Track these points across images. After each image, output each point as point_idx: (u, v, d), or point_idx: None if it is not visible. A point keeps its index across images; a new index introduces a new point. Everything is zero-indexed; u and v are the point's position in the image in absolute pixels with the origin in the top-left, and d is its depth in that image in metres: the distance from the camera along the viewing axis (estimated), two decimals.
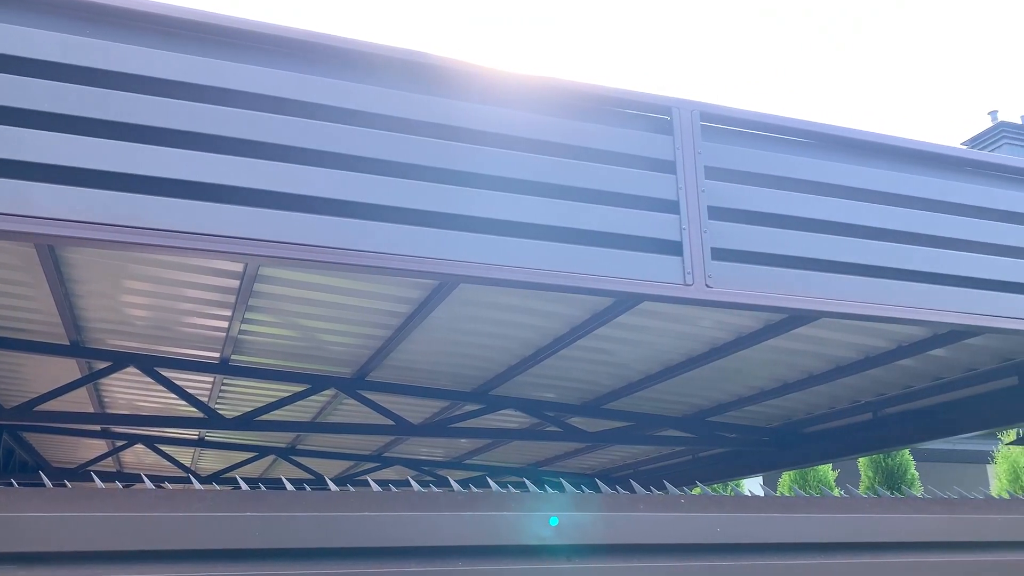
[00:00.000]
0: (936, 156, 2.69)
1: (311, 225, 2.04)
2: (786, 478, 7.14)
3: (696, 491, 2.28)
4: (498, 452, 6.14)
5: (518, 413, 4.53)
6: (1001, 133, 18.72)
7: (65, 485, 1.78)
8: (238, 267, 2.82)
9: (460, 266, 2.15)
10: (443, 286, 2.83)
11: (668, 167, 2.24)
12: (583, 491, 1.97)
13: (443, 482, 6.15)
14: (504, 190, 2.19)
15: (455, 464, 6.50)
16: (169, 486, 1.71)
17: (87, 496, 1.65)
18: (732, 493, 6.43)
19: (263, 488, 1.77)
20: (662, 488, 2.44)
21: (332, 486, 1.83)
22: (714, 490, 5.85)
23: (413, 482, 1.94)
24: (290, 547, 1.67)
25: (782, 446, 4.91)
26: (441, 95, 2.21)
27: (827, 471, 7.13)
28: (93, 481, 1.89)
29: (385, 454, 6.14)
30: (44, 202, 1.76)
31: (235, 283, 2.95)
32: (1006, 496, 2.58)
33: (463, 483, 2.17)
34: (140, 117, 1.89)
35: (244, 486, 1.77)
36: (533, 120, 2.25)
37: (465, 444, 5.97)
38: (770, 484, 8.18)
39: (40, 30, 1.84)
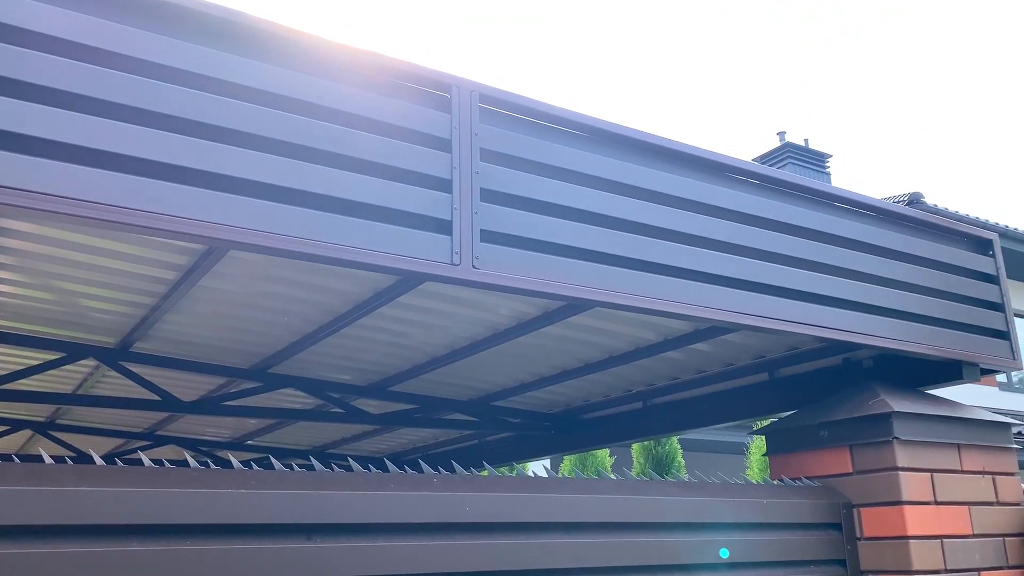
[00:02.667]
0: (710, 162, 2.84)
1: (57, 174, 1.84)
2: (567, 462, 7.44)
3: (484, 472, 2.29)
4: (284, 433, 5.94)
5: (300, 393, 4.40)
6: (787, 152, 20.47)
7: None
8: None
9: (230, 230, 2.02)
10: (212, 252, 2.67)
11: (444, 145, 2.22)
12: (332, 469, 1.92)
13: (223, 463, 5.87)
14: (281, 154, 2.08)
15: (237, 445, 6.23)
16: None
17: None
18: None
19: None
20: (449, 469, 2.43)
21: (47, 458, 1.66)
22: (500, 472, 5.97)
23: (145, 458, 1.80)
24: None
25: (562, 431, 5.08)
26: (220, 48, 2.07)
27: (605, 456, 7.49)
28: None
29: (158, 432, 5.78)
30: None
31: None
32: (741, 482, 2.79)
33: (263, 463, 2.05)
34: None
35: None
36: (317, 85, 2.16)
37: (254, 424, 5.73)
38: (555, 468, 8.48)
39: None
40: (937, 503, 2.90)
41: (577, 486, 2.33)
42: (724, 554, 2.49)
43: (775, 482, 2.92)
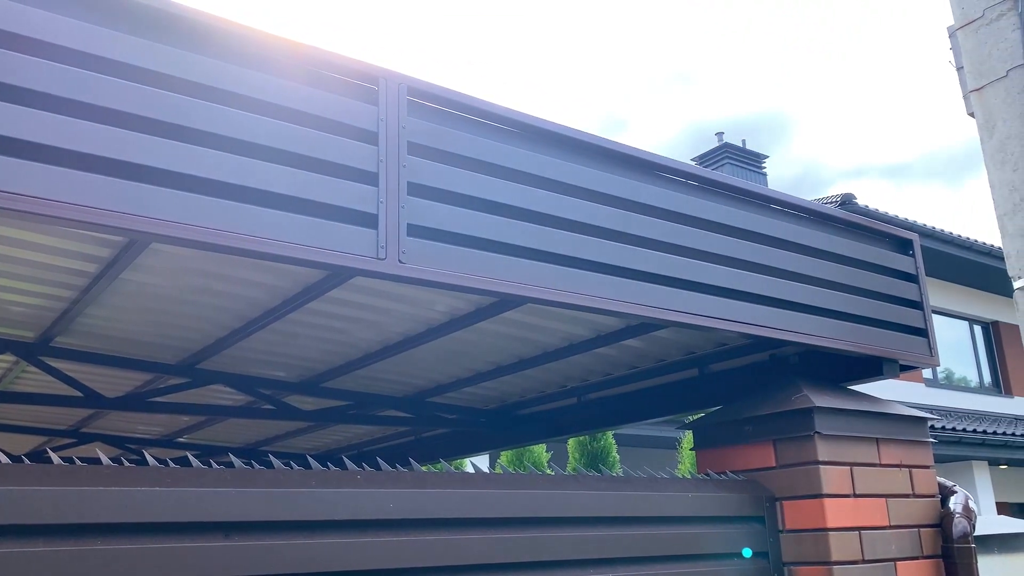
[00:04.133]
0: (642, 161, 2.87)
1: None
2: (504, 458, 7.46)
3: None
4: (216, 430, 5.82)
5: (230, 389, 4.32)
6: (725, 153, 20.83)
7: None
8: None
9: (151, 223, 1.97)
10: (133, 244, 2.60)
11: (371, 138, 2.20)
12: (253, 466, 1.88)
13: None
14: (203, 145, 2.04)
15: (167, 442, 6.09)
16: None
17: None
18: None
19: None
20: (375, 466, 2.40)
21: None
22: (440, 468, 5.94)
23: (53, 455, 1.75)
24: None
25: (499, 427, 5.08)
26: (143, 36, 2.01)
27: (541, 452, 7.54)
28: None
29: (84, 429, 5.61)
30: None
31: None
32: (667, 476, 2.83)
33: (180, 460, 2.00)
34: None
35: None
36: (242, 75, 2.11)
37: (186, 421, 5.61)
38: (492, 464, 8.48)
39: None
40: (856, 496, 2.98)
41: (505, 481, 2.33)
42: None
43: (701, 476, 2.97)
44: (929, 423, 3.42)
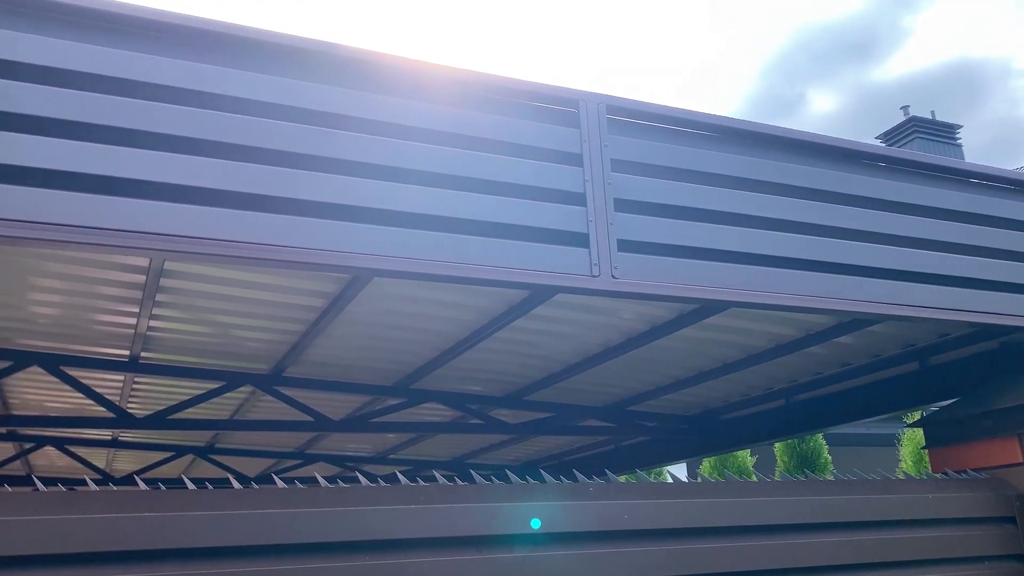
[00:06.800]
0: (838, 149, 2.77)
1: (217, 219, 1.99)
2: (706, 464, 7.31)
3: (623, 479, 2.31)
4: (424, 446, 6.11)
5: (440, 406, 4.53)
6: (913, 128, 19.40)
7: None
8: (144, 262, 2.74)
9: (373, 260, 2.13)
10: (357, 280, 2.80)
11: (575, 160, 2.26)
12: (492, 481, 1.98)
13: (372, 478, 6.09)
14: (416, 183, 2.18)
15: (380, 459, 6.45)
16: (63, 487, 1.66)
17: None
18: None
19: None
20: (596, 476, 2.46)
21: (235, 484, 1.79)
22: (634, 478, 5.92)
23: (320, 479, 1.91)
24: (187, 547, 1.63)
25: (701, 433, 5.01)
26: (352, 87, 2.18)
27: (745, 457, 7.32)
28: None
29: (308, 451, 6.06)
30: None
31: (141, 278, 2.87)
32: (901, 476, 2.69)
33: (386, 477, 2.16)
34: (41, 109, 1.82)
35: (143, 486, 1.72)
36: (445, 112, 2.24)
37: (392, 439, 5.94)
38: (692, 471, 8.34)
39: None
40: None
41: (734, 490, 2.31)
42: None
43: (939, 476, 2.80)
44: None
